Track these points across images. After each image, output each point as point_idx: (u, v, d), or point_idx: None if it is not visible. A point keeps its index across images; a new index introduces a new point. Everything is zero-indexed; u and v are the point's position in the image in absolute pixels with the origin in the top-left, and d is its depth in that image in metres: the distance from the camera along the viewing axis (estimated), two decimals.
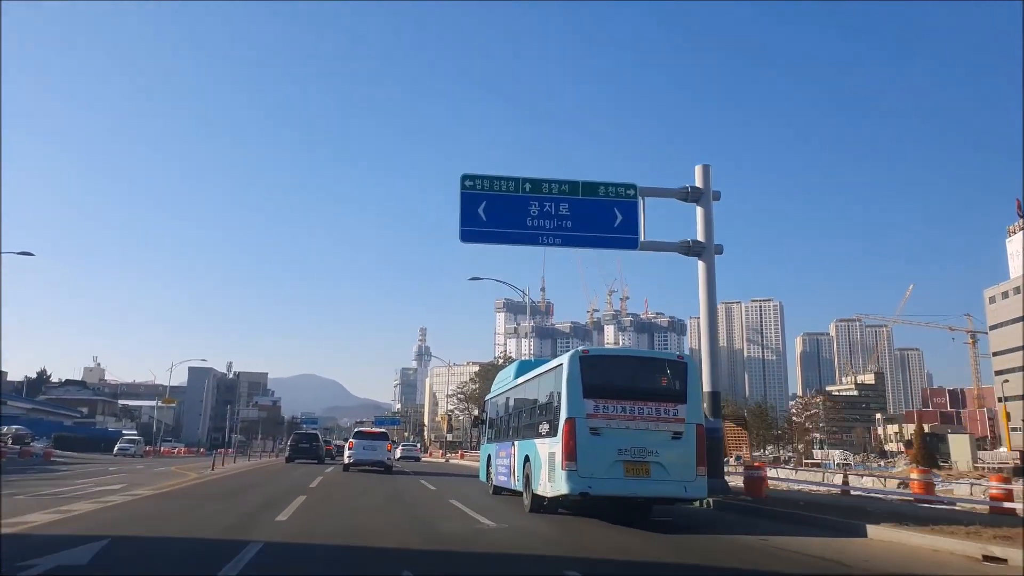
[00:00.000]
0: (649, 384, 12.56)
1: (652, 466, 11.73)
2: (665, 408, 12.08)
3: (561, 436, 11.90)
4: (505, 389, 18.55)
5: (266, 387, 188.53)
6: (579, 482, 11.51)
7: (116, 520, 10.75)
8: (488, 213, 18.74)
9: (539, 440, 13.48)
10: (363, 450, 29.13)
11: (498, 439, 18.41)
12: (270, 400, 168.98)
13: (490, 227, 18.73)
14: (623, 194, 19.18)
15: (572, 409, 11.91)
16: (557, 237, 18.77)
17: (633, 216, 19.06)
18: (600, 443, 11.69)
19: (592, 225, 18.90)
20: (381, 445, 29.63)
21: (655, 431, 11.90)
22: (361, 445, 29.41)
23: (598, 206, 19.04)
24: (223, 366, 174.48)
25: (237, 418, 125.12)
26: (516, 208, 18.81)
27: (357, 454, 29.07)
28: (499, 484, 17.48)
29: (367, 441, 29.85)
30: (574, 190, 19.14)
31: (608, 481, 11.57)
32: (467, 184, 18.98)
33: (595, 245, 19.01)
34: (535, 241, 18.77)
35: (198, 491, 16.84)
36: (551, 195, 19.00)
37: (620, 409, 11.90)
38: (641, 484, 11.66)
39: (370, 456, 28.97)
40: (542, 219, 18.82)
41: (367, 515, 12.62)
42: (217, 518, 11.21)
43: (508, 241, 18.86)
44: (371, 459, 28.93)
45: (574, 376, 12.13)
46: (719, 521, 13.18)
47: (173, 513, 12.29)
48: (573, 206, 18.99)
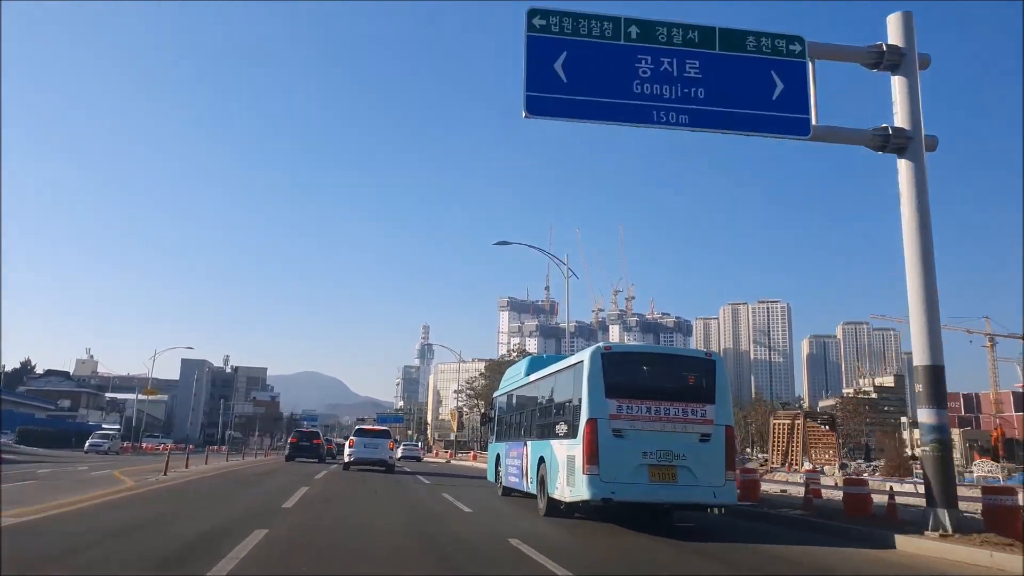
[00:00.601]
0: (675, 383, 11.92)
1: (679, 470, 11.15)
2: (692, 409, 11.48)
3: (582, 438, 11.32)
4: (516, 386, 17.94)
5: (265, 382, 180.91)
6: (601, 487, 10.92)
7: None
8: (571, 70, 11.77)
9: (556, 441, 12.86)
10: (364, 448, 27.97)
11: (508, 438, 17.88)
12: (268, 396, 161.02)
13: (573, 92, 11.76)
14: (785, 51, 12.33)
15: (594, 409, 11.33)
16: (682, 113, 11.88)
17: (800, 85, 12.29)
18: (624, 446, 11.13)
19: (737, 95, 12.10)
20: (383, 443, 28.61)
21: (682, 433, 11.32)
22: (362, 443, 28.27)
23: (746, 67, 12.20)
24: (221, 361, 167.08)
25: (232, 413, 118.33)
26: (616, 64, 11.90)
27: (358, 452, 27.93)
28: (509, 485, 17.01)
29: (368, 439, 28.61)
30: (708, 40, 12.22)
31: (632, 486, 11.00)
32: (537, 23, 11.84)
33: (741, 127, 12.11)
34: (645, 118, 11.90)
35: (80, 522, 10.10)
36: (672, 46, 12.07)
37: (645, 410, 11.31)
38: (667, 490, 11.10)
39: (371, 455, 27.87)
40: (658, 83, 11.91)
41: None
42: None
43: (601, 117, 11.92)
44: (372, 458, 27.84)
45: (596, 374, 11.53)
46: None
47: None
48: (707, 65, 12.12)
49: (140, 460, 39.74)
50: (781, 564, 8.94)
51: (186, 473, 22.60)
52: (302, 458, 36.20)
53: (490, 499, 16.56)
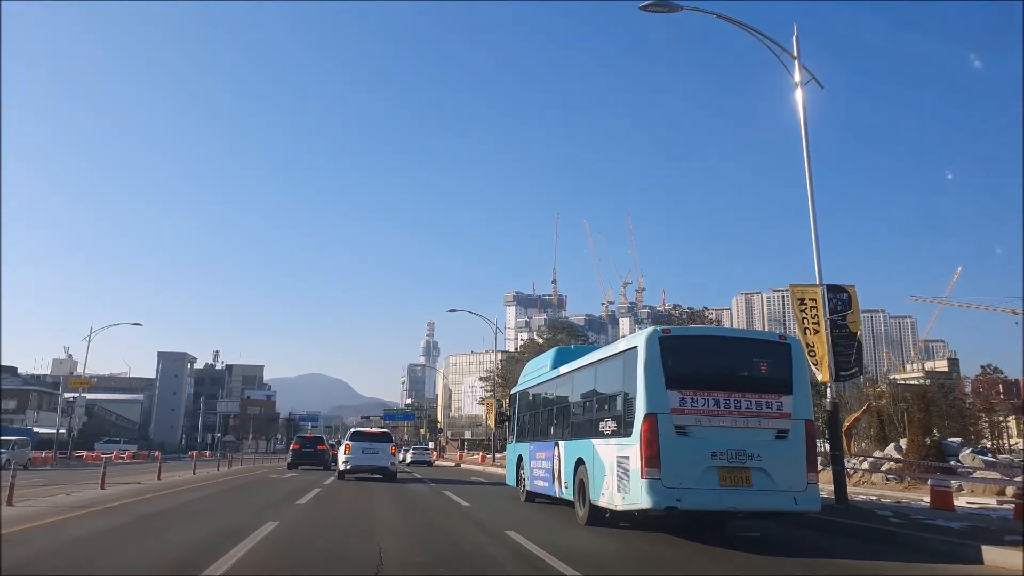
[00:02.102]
0: (746, 371, 10.71)
1: (753, 472, 9.83)
2: (767, 401, 10.20)
3: (639, 437, 9.97)
4: (542, 380, 16.35)
5: (262, 381, 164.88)
6: (664, 494, 9.61)
7: None
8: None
9: (600, 441, 11.66)
10: (362, 454, 24.29)
11: (533, 438, 16.52)
12: (264, 394, 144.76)
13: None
14: None
15: (652, 403, 9.99)
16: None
17: None
18: (689, 445, 9.84)
19: None
20: (383, 447, 24.87)
21: (755, 429, 10.05)
22: (359, 448, 24.46)
23: None
24: (210, 357, 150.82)
25: (216, 414, 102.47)
26: None
27: (355, 459, 24.21)
28: (534, 490, 15.93)
29: (366, 443, 24.79)
30: None
31: (700, 492, 9.68)
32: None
33: None
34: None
35: None
36: None
37: (712, 403, 10.04)
38: (741, 495, 9.76)
39: (370, 461, 24.31)
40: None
41: None
42: None
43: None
44: (371, 464, 24.30)
45: (653, 362, 10.19)
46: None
47: None
48: None
49: (64, 475, 30.05)
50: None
51: (107, 496, 15.41)
52: (305, 466, 33.64)
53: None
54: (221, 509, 14.14)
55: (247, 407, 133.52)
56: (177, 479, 24.19)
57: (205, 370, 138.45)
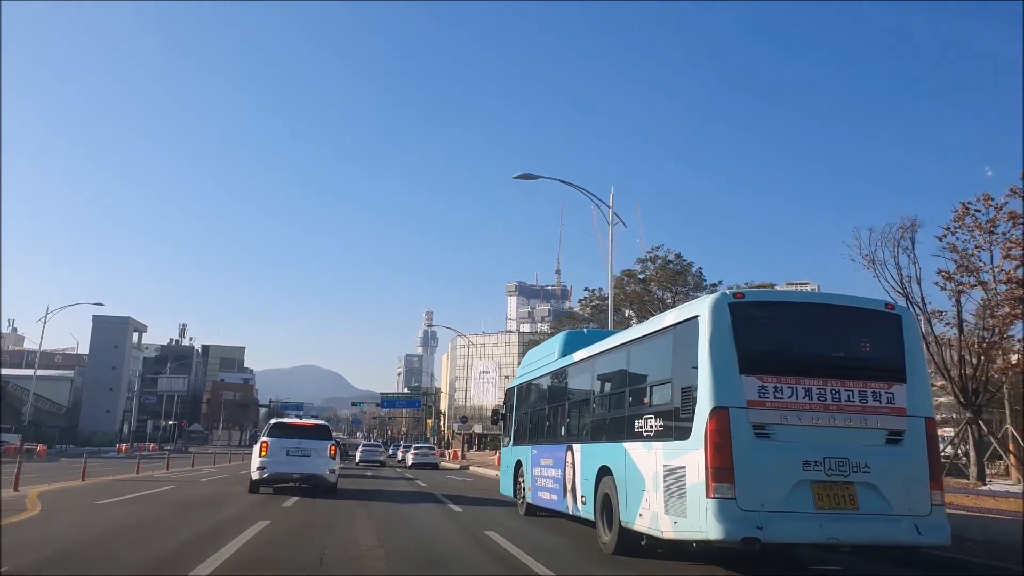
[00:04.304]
0: (844, 351, 8.19)
1: (859, 490, 7.31)
2: (874, 391, 7.65)
3: (702, 439, 7.31)
4: (551, 369, 13.64)
5: (243, 364, 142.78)
6: (740, 519, 6.97)
7: None
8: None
9: (637, 445, 8.95)
10: (286, 456, 16.92)
11: (537, 439, 14.00)
12: (240, 378, 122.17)
13: None
14: None
15: (722, 393, 7.35)
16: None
17: None
18: (772, 452, 7.28)
19: None
20: (318, 447, 17.22)
21: (860, 430, 7.51)
22: (282, 447, 17.01)
23: None
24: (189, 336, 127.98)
25: (152, 396, 79.87)
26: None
27: (274, 463, 16.85)
28: (537, 503, 13.41)
29: (292, 441, 17.15)
30: None
31: (789, 518, 7.08)
32: None
33: None
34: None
35: None
36: None
37: (802, 393, 7.48)
38: (845, 523, 7.18)
39: (296, 467, 16.91)
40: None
41: None
42: None
43: None
44: (299, 471, 16.93)
45: (722, 337, 7.52)
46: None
47: None
48: None
49: None
50: None
51: None
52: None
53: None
54: None
55: (219, 391, 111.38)
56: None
57: (170, 347, 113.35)
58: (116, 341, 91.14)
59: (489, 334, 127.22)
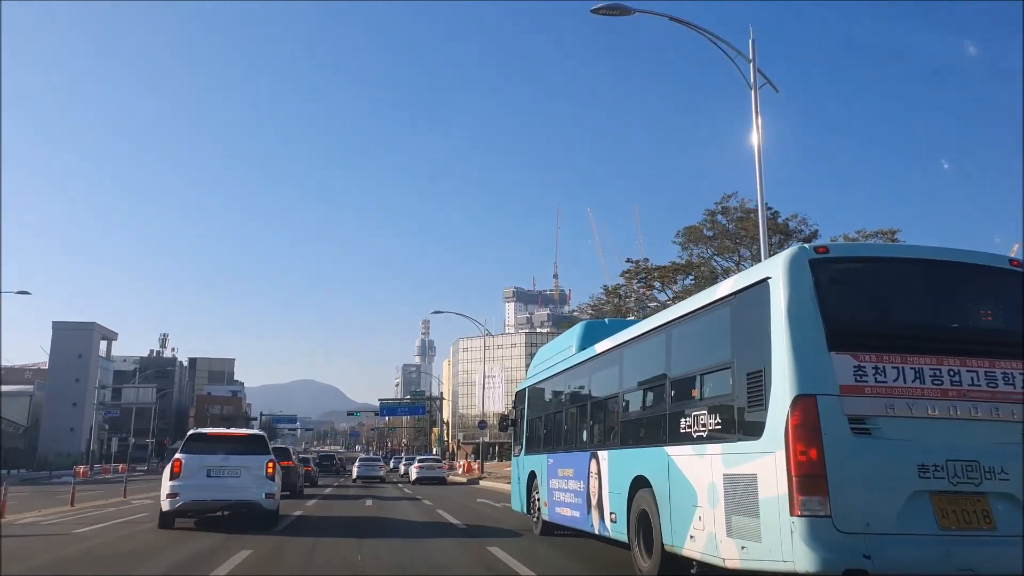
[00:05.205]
0: (962, 319, 6.38)
1: (995, 503, 5.54)
2: (1005, 372, 5.83)
3: (782, 438, 5.56)
4: (569, 365, 11.98)
5: (232, 377, 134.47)
6: (842, 546, 5.22)
7: None
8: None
9: (684, 449, 7.25)
10: (206, 478, 13.50)
11: (553, 447, 12.52)
12: (229, 390, 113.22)
13: None
14: None
15: (806, 377, 5.58)
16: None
17: None
18: (877, 453, 5.51)
19: None
20: (251, 465, 13.81)
21: (991, 422, 5.69)
22: (200, 466, 13.52)
23: None
24: (172, 348, 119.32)
25: (115, 410, 70.54)
26: None
27: (189, 487, 13.35)
28: (555, 520, 11.96)
29: (217, 458, 13.73)
30: None
31: (908, 542, 5.32)
32: None
33: None
34: None
35: None
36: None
37: (911, 375, 5.69)
38: (980, 548, 5.39)
39: (222, 493, 13.50)
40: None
41: None
42: None
43: None
44: (223, 498, 13.57)
45: (804, 303, 5.77)
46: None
47: None
48: None
49: None
50: None
51: None
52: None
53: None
54: None
55: (204, 404, 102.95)
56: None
57: (150, 359, 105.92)
58: (80, 350, 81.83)
59: (493, 336, 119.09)
